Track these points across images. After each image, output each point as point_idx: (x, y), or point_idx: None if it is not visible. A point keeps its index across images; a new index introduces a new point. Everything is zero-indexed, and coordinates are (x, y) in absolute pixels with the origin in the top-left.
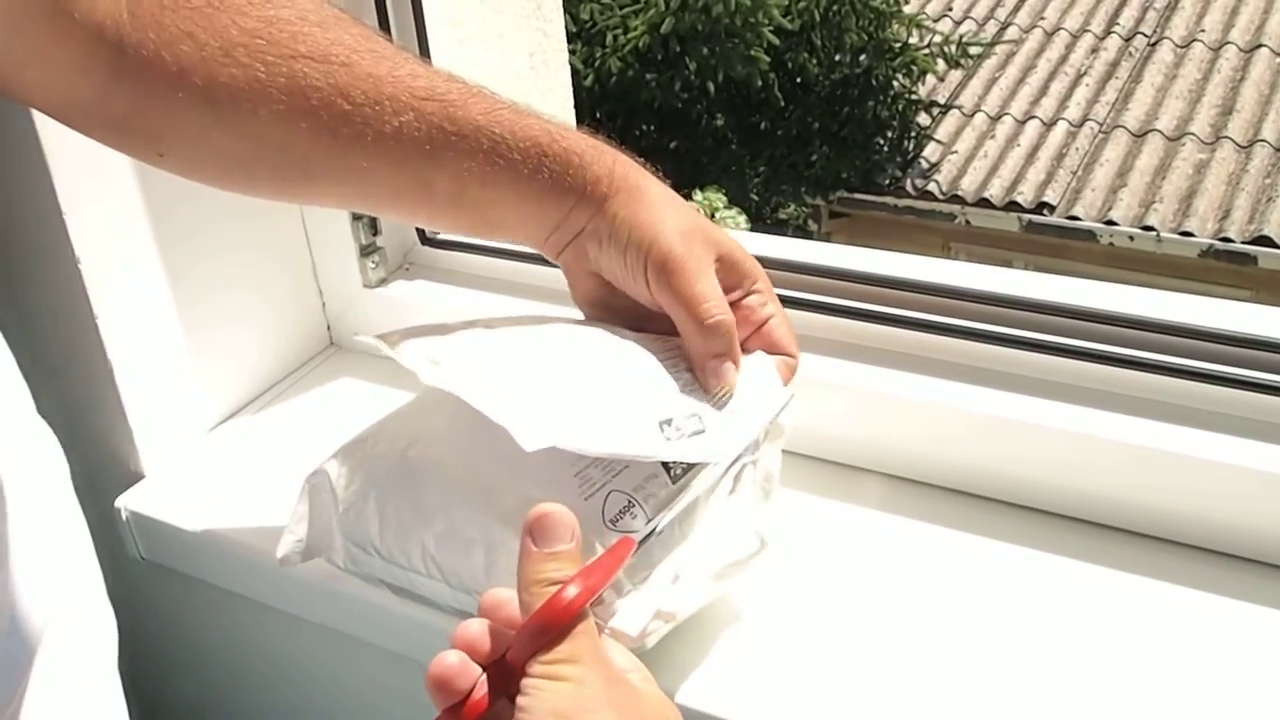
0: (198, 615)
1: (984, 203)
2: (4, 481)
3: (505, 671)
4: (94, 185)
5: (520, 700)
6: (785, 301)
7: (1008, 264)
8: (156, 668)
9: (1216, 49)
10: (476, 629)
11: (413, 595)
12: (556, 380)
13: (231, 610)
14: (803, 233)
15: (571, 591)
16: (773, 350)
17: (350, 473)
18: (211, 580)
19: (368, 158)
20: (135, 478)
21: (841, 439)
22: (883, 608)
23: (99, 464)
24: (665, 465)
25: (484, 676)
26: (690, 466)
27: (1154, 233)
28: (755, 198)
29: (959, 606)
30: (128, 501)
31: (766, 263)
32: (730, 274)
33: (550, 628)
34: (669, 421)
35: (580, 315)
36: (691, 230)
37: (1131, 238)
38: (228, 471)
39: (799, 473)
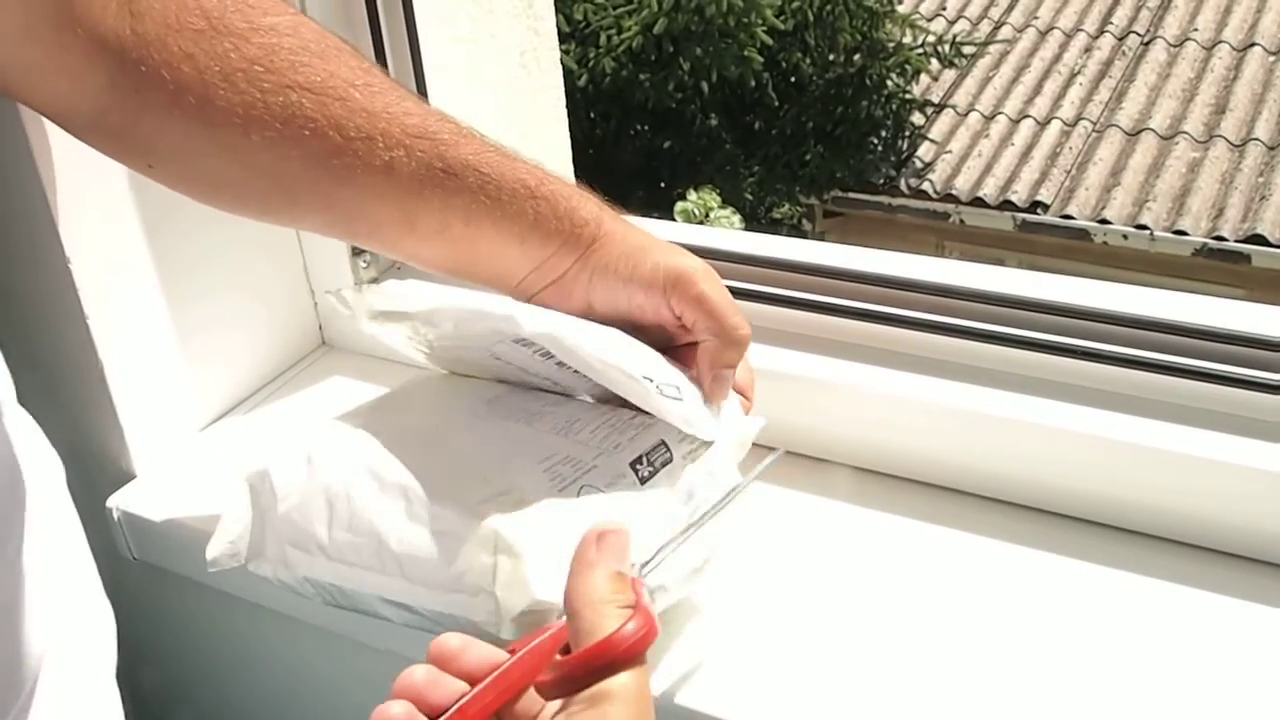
0: (190, 615)
1: (978, 202)
2: (12, 483)
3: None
4: (85, 185)
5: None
6: (775, 300)
7: (1001, 263)
8: (149, 667)
9: (1210, 48)
10: (422, 676)
11: (346, 600)
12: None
13: (224, 610)
14: (797, 232)
15: (633, 627)
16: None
17: (296, 471)
18: (204, 580)
19: (356, 190)
20: (127, 477)
21: (832, 436)
22: (854, 602)
23: (90, 464)
24: (634, 467)
25: None
26: (656, 471)
27: (1148, 231)
28: (749, 197)
29: (944, 604)
30: (119, 501)
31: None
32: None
33: (624, 657)
34: (650, 379)
35: None
36: (680, 252)
37: (1125, 236)
38: (219, 471)
39: (793, 470)
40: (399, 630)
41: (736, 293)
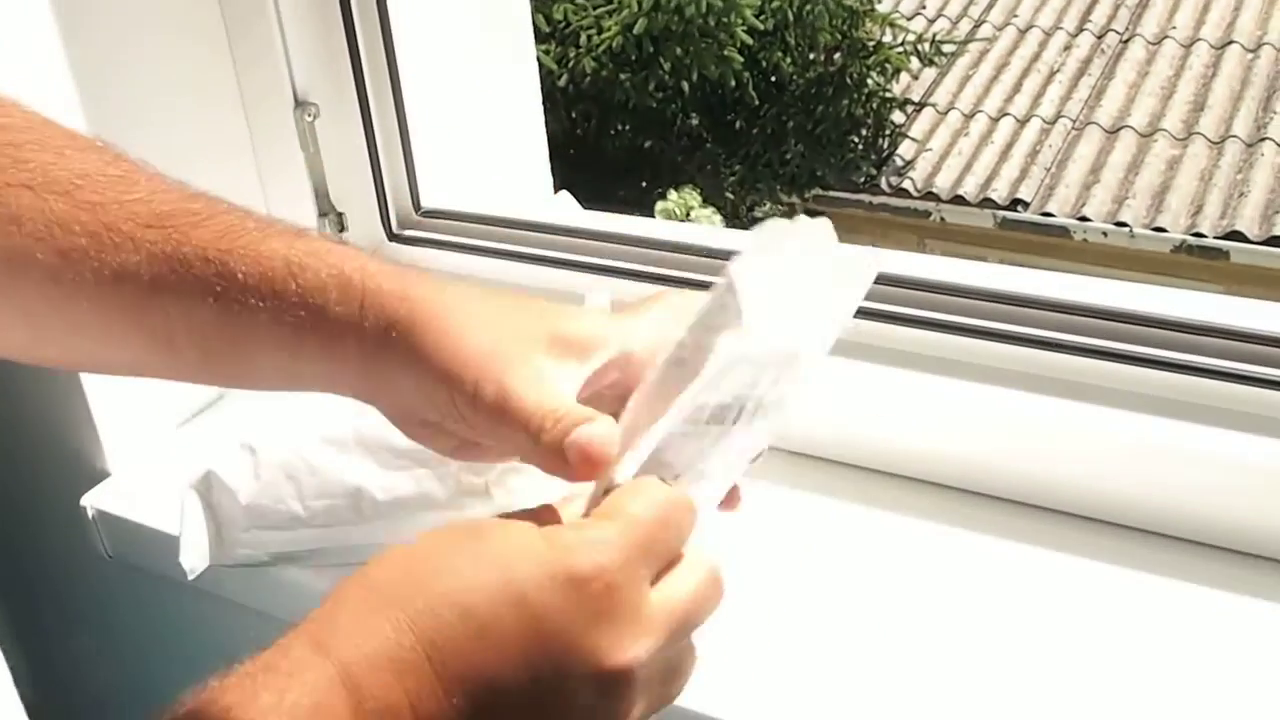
0: (166, 614)
1: (958, 200)
2: None
3: None
4: None
5: None
6: None
7: (982, 260)
8: (125, 667)
9: (1188, 46)
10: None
11: (326, 559)
12: None
13: (200, 608)
14: None
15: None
16: None
17: (241, 462)
18: (180, 579)
19: (91, 306)
20: (101, 475)
21: (821, 433)
22: (856, 601)
23: (65, 462)
24: None
25: None
26: None
27: (1127, 228)
28: (731, 196)
29: (947, 604)
30: (94, 500)
31: None
32: (572, 351)
33: None
34: None
35: None
36: (496, 327)
37: (1105, 234)
38: (195, 469)
39: (785, 468)
40: None
41: None
